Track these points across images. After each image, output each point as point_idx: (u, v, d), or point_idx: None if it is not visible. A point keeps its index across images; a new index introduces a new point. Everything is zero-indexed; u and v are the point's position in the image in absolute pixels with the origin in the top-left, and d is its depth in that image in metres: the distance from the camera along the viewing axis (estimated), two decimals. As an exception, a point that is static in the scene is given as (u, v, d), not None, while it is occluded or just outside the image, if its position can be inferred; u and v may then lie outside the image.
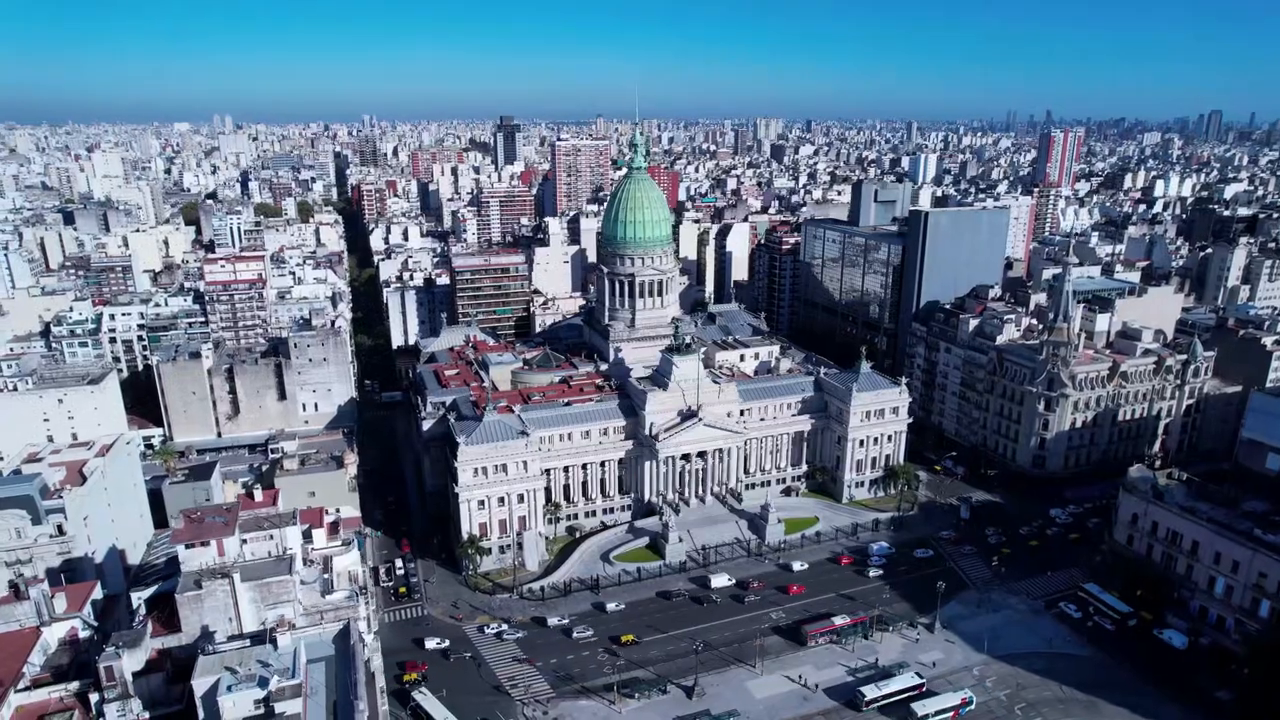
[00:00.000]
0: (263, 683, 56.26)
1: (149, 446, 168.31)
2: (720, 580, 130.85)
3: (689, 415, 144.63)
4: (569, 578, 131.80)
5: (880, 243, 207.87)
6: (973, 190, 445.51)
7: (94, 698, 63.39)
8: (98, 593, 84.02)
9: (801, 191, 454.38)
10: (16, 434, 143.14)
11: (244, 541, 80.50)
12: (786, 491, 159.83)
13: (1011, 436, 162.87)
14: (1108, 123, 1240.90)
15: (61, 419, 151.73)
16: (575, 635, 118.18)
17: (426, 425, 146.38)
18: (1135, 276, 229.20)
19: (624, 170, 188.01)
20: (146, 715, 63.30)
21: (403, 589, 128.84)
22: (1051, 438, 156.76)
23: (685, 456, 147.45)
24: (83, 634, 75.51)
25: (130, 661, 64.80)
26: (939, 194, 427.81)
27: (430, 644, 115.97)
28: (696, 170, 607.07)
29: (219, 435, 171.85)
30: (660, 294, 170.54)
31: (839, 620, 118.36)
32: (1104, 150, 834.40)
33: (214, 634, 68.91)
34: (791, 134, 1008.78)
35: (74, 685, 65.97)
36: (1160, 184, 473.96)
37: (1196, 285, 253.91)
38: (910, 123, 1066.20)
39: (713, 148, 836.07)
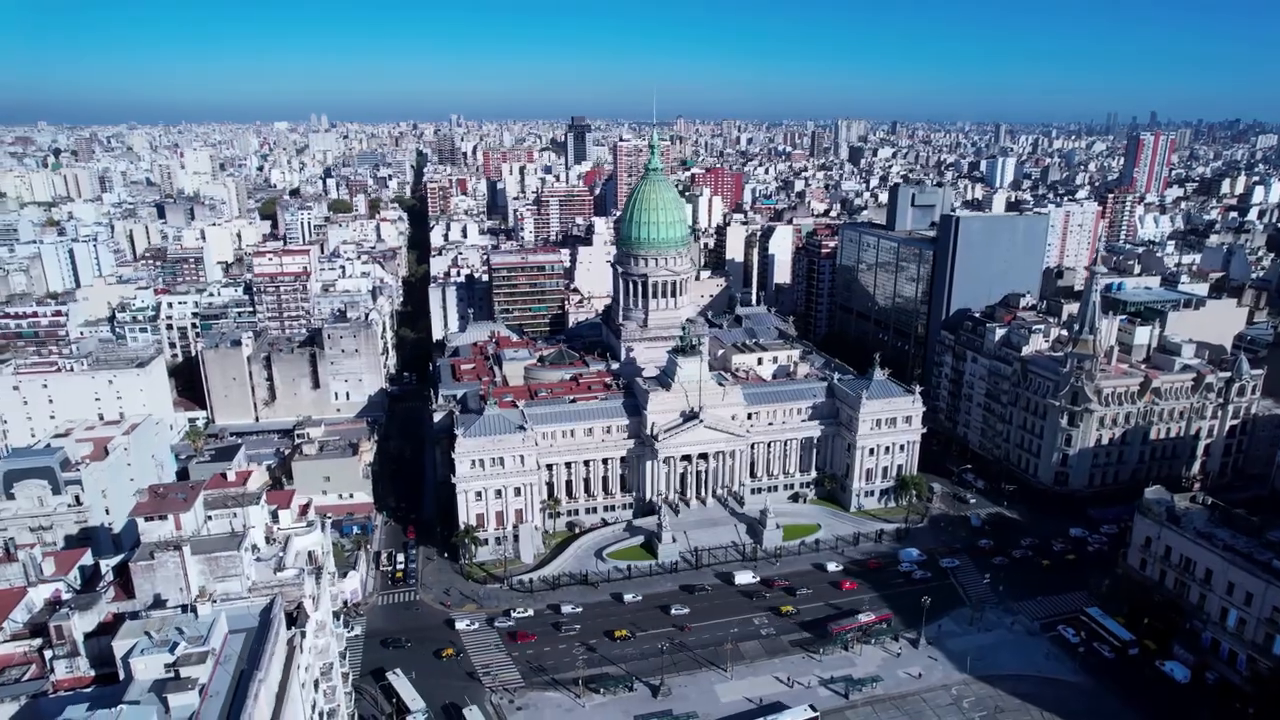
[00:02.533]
0: (173, 648, 60.20)
1: (194, 427, 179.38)
2: (745, 577, 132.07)
3: (691, 416, 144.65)
4: (560, 572, 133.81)
5: (913, 248, 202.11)
6: (1050, 195, 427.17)
7: (48, 654, 69.33)
8: (87, 559, 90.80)
9: (866, 195, 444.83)
10: (70, 411, 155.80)
11: (209, 517, 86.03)
12: (794, 498, 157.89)
13: (1034, 451, 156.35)
14: (1220, 125, 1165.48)
15: (111, 399, 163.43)
16: (674, 611, 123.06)
17: (437, 417, 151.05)
18: (1204, 288, 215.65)
19: (684, 171, 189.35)
20: (92, 674, 68.65)
21: (399, 574, 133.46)
22: (1075, 454, 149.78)
23: (686, 457, 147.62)
24: (65, 596, 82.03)
25: (82, 622, 70.30)
26: (1013, 198, 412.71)
27: (460, 625, 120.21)
28: (766, 172, 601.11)
29: (256, 420, 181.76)
30: (674, 295, 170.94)
31: (864, 618, 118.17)
32: (1209, 154, 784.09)
33: (166, 601, 73.92)
34: (874, 136, 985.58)
35: (37, 641, 72.05)
36: (1259, 190, 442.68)
37: (1276, 298, 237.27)
38: (998, 125, 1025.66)
39: (789, 149, 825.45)
